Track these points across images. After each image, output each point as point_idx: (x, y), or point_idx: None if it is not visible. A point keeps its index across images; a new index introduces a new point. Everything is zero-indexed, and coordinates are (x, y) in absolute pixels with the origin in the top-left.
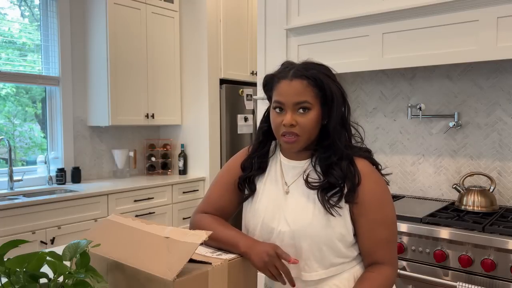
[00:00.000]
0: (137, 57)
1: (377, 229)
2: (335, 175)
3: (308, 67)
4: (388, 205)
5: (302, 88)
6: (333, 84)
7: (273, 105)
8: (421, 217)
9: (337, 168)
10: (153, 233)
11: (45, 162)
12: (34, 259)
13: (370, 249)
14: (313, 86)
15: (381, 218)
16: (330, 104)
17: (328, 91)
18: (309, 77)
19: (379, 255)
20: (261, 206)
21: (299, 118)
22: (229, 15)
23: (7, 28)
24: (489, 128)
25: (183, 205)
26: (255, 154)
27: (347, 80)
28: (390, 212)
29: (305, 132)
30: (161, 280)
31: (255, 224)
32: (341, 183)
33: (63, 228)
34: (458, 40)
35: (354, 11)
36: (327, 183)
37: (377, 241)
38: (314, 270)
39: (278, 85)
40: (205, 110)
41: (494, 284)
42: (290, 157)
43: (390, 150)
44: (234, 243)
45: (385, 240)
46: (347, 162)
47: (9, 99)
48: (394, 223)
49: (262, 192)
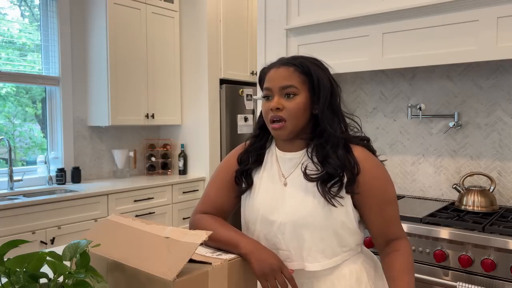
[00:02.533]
0: (137, 57)
1: (386, 208)
2: (333, 165)
3: (296, 57)
4: (390, 184)
5: (288, 74)
6: (321, 71)
7: (263, 94)
8: (421, 217)
9: (334, 156)
10: (153, 233)
11: (45, 162)
12: (34, 259)
13: (382, 229)
14: (299, 72)
15: (387, 199)
16: (317, 90)
17: (315, 77)
18: (296, 64)
19: (392, 232)
20: (259, 200)
21: (285, 102)
22: (229, 15)
23: (7, 28)
24: (489, 128)
25: (183, 205)
26: (252, 148)
27: (347, 80)
28: (393, 190)
29: (292, 117)
30: (161, 280)
31: (254, 219)
32: (339, 173)
33: (63, 228)
34: (458, 40)
35: (354, 11)
36: (326, 174)
37: (388, 220)
38: (317, 261)
39: (268, 74)
40: (205, 110)
41: (494, 284)
42: (285, 149)
43: (390, 150)
44: (234, 243)
45: (394, 217)
46: (343, 151)
47: (9, 99)
48: (396, 199)
49: (259, 186)
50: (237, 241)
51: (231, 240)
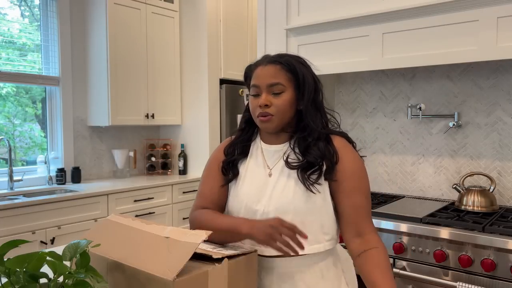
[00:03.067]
0: (137, 57)
1: (356, 195)
2: (313, 155)
3: (282, 55)
4: (364, 176)
5: (276, 71)
6: (305, 69)
7: (250, 91)
8: (421, 217)
9: (315, 148)
10: (153, 233)
11: (45, 162)
12: (34, 259)
13: (352, 217)
14: (286, 70)
15: (360, 187)
16: (302, 87)
17: (300, 75)
18: (282, 62)
19: (363, 225)
20: (244, 190)
21: (273, 99)
22: (229, 15)
23: (7, 28)
24: (489, 128)
25: (183, 205)
26: (238, 140)
27: (347, 80)
28: (366, 183)
29: (279, 113)
30: (161, 280)
31: (238, 208)
32: (319, 162)
33: (63, 228)
34: (458, 40)
35: (354, 11)
36: (306, 162)
37: (358, 208)
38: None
39: (255, 71)
40: (205, 110)
41: (494, 284)
42: (270, 142)
43: (390, 150)
44: (234, 228)
45: (365, 208)
46: (324, 143)
47: (9, 99)
48: (369, 194)
49: (245, 176)
50: (236, 224)
51: (231, 225)
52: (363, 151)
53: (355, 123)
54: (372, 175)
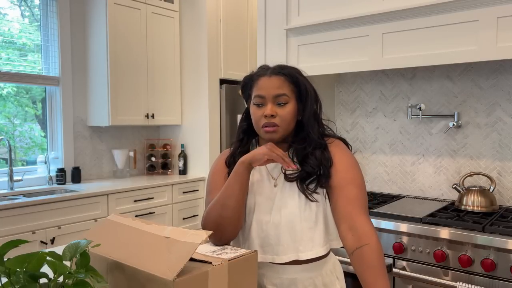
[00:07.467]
0: (137, 57)
1: (348, 186)
2: (311, 164)
3: (283, 67)
4: (356, 168)
5: (281, 83)
6: (306, 81)
7: (254, 100)
8: (421, 217)
9: (312, 157)
10: (153, 233)
11: (45, 162)
12: (34, 259)
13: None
14: (289, 82)
15: (351, 177)
16: (304, 99)
17: (303, 87)
18: (286, 74)
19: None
20: (252, 202)
21: (278, 110)
22: (229, 15)
23: (7, 28)
24: (489, 128)
25: (183, 205)
26: (238, 152)
27: (347, 80)
28: (360, 175)
29: (284, 123)
30: (161, 280)
31: (250, 220)
32: (317, 171)
33: (63, 228)
34: (458, 40)
35: (354, 11)
36: (304, 172)
37: (351, 199)
38: (309, 249)
39: (258, 82)
40: (205, 110)
41: (494, 284)
42: None
43: (390, 150)
44: (237, 169)
45: (359, 200)
46: (321, 150)
47: (9, 99)
48: (364, 187)
49: (251, 188)
50: (237, 168)
51: (231, 176)
52: (363, 151)
53: (355, 123)
54: (372, 175)
